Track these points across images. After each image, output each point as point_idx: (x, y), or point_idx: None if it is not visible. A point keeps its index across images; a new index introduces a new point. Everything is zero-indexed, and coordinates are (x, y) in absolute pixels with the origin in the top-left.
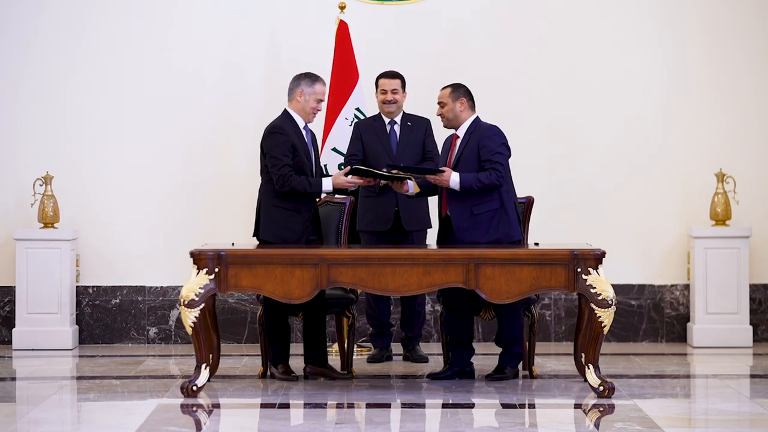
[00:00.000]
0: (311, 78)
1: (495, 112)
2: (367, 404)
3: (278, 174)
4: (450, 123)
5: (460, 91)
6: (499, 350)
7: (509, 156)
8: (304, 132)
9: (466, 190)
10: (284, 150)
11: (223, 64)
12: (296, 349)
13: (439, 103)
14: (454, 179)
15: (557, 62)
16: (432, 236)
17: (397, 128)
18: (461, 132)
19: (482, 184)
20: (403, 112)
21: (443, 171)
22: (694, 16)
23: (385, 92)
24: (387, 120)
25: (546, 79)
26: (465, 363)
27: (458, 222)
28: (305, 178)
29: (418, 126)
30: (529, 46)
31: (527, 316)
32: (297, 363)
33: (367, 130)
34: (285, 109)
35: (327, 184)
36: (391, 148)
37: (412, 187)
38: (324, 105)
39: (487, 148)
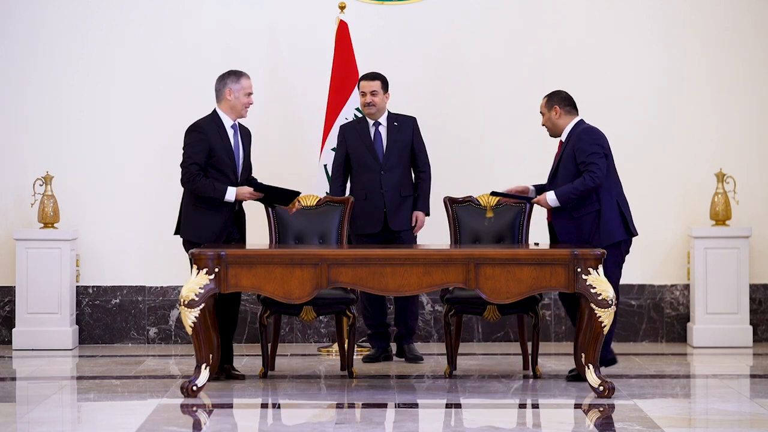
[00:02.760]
0: (236, 74)
1: (495, 111)
2: (366, 404)
3: (185, 170)
4: (551, 132)
5: (553, 99)
6: (490, 351)
7: (606, 154)
8: (231, 131)
9: (566, 203)
10: (198, 149)
11: (223, 65)
12: (289, 349)
13: (540, 112)
14: (551, 197)
15: (557, 61)
16: (422, 237)
17: (382, 129)
18: (563, 137)
19: (578, 191)
20: (389, 112)
21: (534, 197)
22: (694, 15)
23: (364, 94)
24: (371, 122)
25: (546, 78)
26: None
27: (560, 226)
28: (211, 182)
29: (405, 126)
30: (528, 44)
31: (531, 316)
32: (286, 363)
33: (351, 133)
34: (214, 109)
35: (230, 194)
36: (375, 150)
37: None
38: (254, 98)
39: (581, 151)
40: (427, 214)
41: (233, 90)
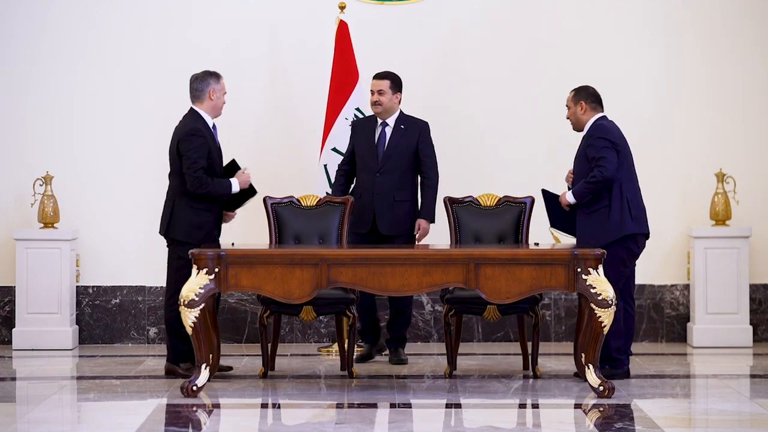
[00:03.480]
0: (216, 75)
1: (495, 112)
2: (366, 404)
3: (195, 176)
4: (574, 126)
5: (580, 95)
6: (490, 351)
7: (616, 149)
8: (213, 131)
9: (581, 198)
10: (201, 153)
11: (223, 65)
12: (289, 349)
13: (566, 106)
14: (569, 196)
15: (557, 62)
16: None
17: (388, 130)
18: (584, 133)
19: (590, 185)
20: (401, 113)
21: (558, 195)
22: (694, 15)
23: (372, 93)
24: (379, 121)
25: (545, 78)
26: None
27: (578, 225)
28: (219, 181)
29: (412, 129)
30: (528, 45)
31: (531, 316)
32: (286, 363)
33: (359, 130)
34: (193, 109)
35: (235, 185)
36: (376, 150)
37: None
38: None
39: (591, 147)
40: (432, 221)
41: (216, 90)
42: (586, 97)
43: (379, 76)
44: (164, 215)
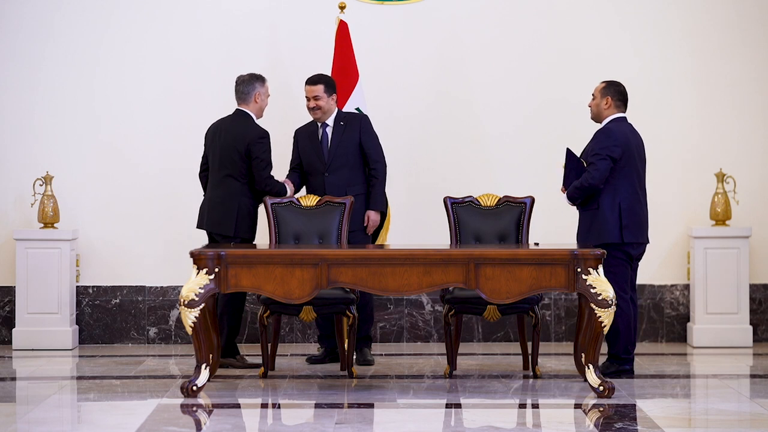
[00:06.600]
0: (261, 78)
1: (494, 112)
2: (366, 404)
3: (270, 177)
4: (593, 116)
5: (609, 89)
6: (490, 351)
7: (613, 157)
8: None
9: (574, 199)
10: (270, 154)
11: (224, 65)
12: (292, 348)
13: (592, 95)
14: (566, 196)
15: (557, 62)
16: (422, 237)
17: (329, 130)
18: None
19: (577, 188)
20: (338, 111)
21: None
22: (693, 16)
23: (308, 99)
24: (319, 124)
25: (546, 78)
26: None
27: (578, 219)
28: (281, 183)
29: (351, 124)
30: (528, 46)
31: (531, 316)
32: (286, 363)
33: (302, 136)
34: (241, 110)
35: (290, 190)
36: (322, 151)
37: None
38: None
39: (591, 149)
40: (382, 211)
41: (261, 93)
42: (614, 93)
43: (312, 82)
44: (227, 216)
